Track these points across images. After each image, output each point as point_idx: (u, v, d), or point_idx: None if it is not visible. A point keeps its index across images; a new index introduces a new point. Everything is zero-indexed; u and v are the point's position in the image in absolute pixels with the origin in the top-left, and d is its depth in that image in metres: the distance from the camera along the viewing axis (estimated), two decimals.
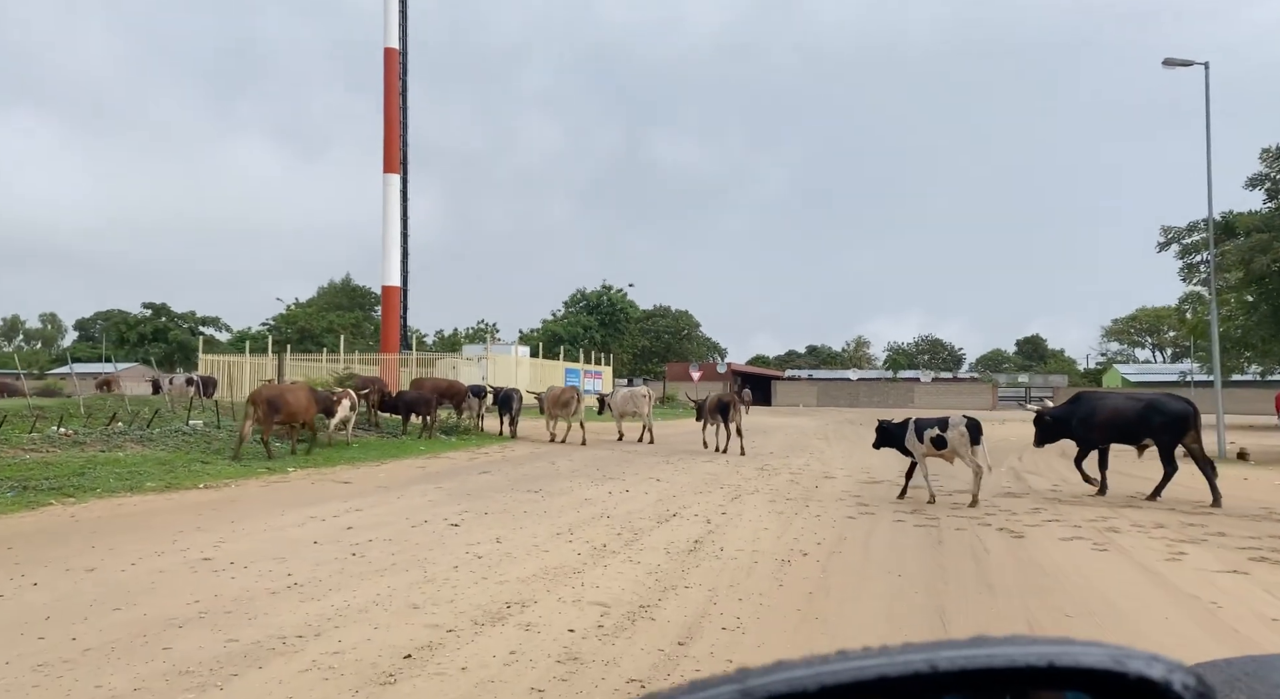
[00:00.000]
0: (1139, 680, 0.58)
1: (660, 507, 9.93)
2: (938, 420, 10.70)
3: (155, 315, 52.50)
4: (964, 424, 10.37)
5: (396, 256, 38.92)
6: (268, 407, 14.06)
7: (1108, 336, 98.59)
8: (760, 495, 11.37)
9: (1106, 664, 0.59)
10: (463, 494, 10.60)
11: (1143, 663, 0.59)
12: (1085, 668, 0.59)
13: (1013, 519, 9.69)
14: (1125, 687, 0.59)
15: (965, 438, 10.32)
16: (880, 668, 0.57)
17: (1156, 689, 0.58)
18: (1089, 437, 12.20)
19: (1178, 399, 11.72)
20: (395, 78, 38.94)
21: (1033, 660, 0.59)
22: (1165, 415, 11.39)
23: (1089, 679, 0.60)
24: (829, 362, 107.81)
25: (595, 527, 8.32)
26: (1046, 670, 0.59)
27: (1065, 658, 0.59)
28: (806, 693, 0.55)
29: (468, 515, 8.80)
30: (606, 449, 18.70)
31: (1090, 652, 0.60)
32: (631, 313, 61.39)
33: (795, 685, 0.55)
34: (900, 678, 0.57)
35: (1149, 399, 11.86)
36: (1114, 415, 11.75)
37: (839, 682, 0.56)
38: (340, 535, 7.47)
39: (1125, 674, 0.58)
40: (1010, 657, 0.59)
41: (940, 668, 0.58)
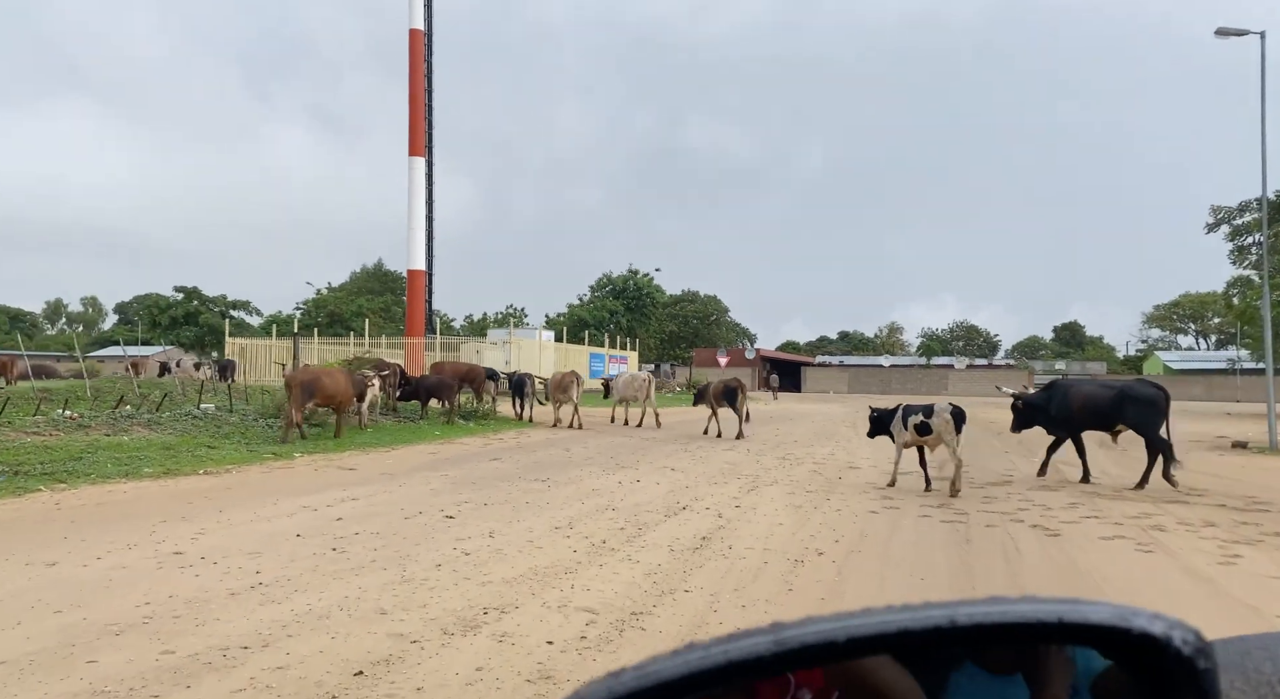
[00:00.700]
0: (1142, 636, 0.61)
1: (671, 498, 9.44)
2: (923, 407, 10.57)
3: (187, 299, 52.99)
4: (949, 412, 10.20)
5: (422, 240, 38.69)
6: (302, 389, 14.13)
7: (1149, 323, 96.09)
8: (779, 487, 10.82)
9: (1112, 620, 0.61)
10: (467, 483, 10.19)
11: (1145, 620, 0.61)
12: (1092, 624, 0.62)
13: (1048, 515, 9.06)
14: (1129, 641, 0.61)
15: (950, 426, 10.16)
16: (903, 622, 0.60)
17: (1158, 644, 0.60)
18: (1063, 424, 12.18)
19: (1150, 385, 11.86)
20: (420, 59, 38.57)
21: (1043, 616, 0.62)
22: (1138, 401, 11.45)
23: (1096, 634, 0.62)
24: (861, 347, 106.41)
25: (598, 520, 7.85)
26: (1057, 626, 0.62)
27: (1073, 614, 0.62)
28: (835, 643, 0.58)
29: (466, 506, 8.38)
30: (624, 436, 18.24)
31: (1097, 609, 0.62)
32: (658, 297, 60.75)
33: (825, 636, 0.58)
34: (922, 631, 0.60)
35: (1122, 386, 11.96)
36: (1087, 402, 11.76)
37: (865, 634, 0.59)
38: (327, 527, 7.08)
39: (1129, 630, 0.61)
40: (1022, 613, 0.62)
41: (959, 622, 0.60)
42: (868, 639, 0.59)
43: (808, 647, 0.57)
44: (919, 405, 10.79)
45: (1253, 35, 17.64)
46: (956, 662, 0.71)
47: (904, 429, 10.69)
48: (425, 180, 38.79)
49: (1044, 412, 12.37)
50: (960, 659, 0.71)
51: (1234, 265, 25.71)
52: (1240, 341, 54.32)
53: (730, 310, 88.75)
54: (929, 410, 10.46)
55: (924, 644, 0.61)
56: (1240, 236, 24.39)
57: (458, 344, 37.87)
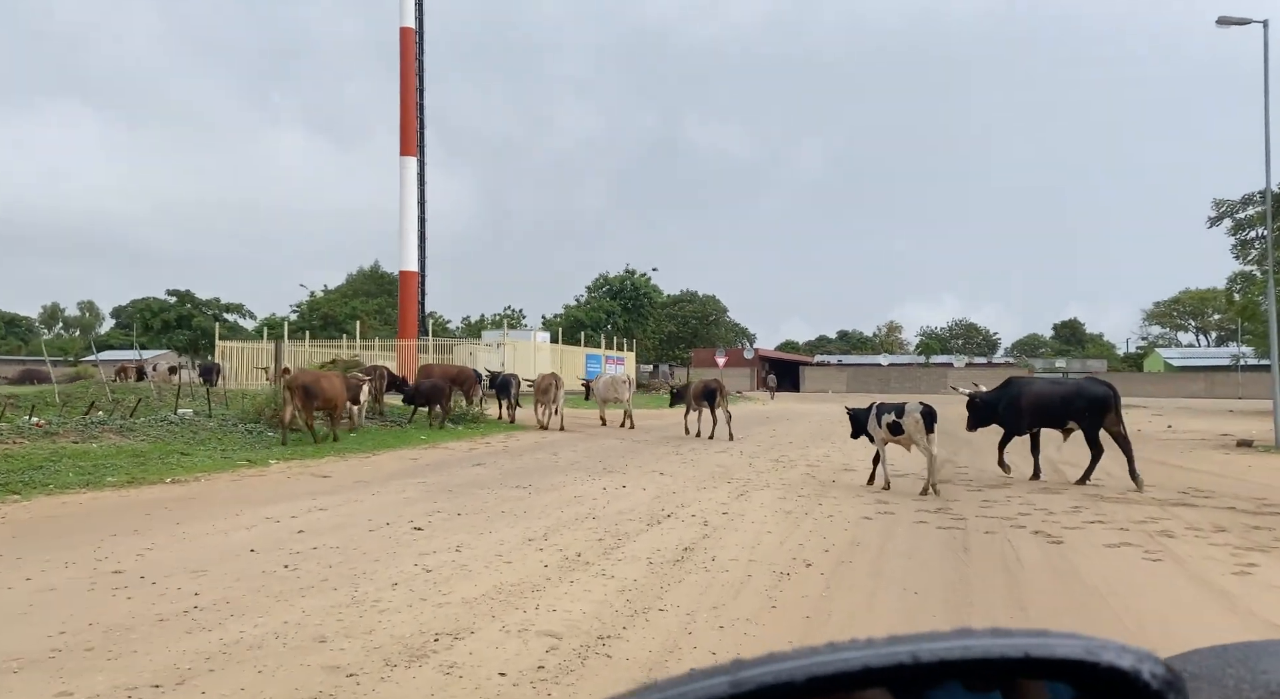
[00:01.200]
0: (1109, 670, 0.60)
1: (655, 505, 9.03)
2: (895, 406, 10.47)
3: (180, 302, 52.57)
4: (919, 411, 10.09)
5: (414, 241, 38.28)
6: (304, 393, 14.17)
7: (1149, 320, 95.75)
8: (770, 491, 10.41)
9: (1079, 655, 0.61)
10: (444, 490, 9.77)
11: (1114, 653, 0.61)
12: (1059, 659, 0.61)
13: (1050, 520, 8.65)
14: (1097, 676, 0.61)
15: (920, 425, 10.04)
16: (865, 659, 0.59)
17: (1126, 678, 0.60)
18: (1016, 421, 12.21)
19: (1100, 383, 11.98)
20: (412, 58, 38.16)
21: (1009, 652, 0.61)
22: (1087, 399, 11.54)
23: (1064, 669, 0.62)
24: (860, 346, 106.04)
25: (575, 530, 7.43)
26: (1023, 661, 0.61)
27: (1041, 649, 0.61)
28: (794, 684, 0.56)
29: (438, 517, 7.96)
30: (615, 439, 17.83)
31: (1065, 643, 0.62)
32: (655, 297, 60.29)
33: (782, 677, 0.57)
34: (884, 669, 0.59)
35: (1073, 384, 12.13)
36: (1039, 400, 11.85)
37: (825, 673, 0.58)
38: (285, 541, 6.66)
39: (1097, 664, 0.60)
40: (988, 648, 0.61)
41: (922, 659, 0.59)
42: (829, 678, 0.58)
43: (765, 688, 0.57)
44: (892, 404, 10.65)
45: (1255, 24, 17.24)
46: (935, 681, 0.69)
47: (879, 428, 10.53)
48: (417, 180, 38.38)
49: (998, 409, 12.40)
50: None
51: (1237, 260, 25.33)
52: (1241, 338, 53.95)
53: (729, 310, 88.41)
54: (900, 409, 10.31)
55: (887, 682, 0.60)
56: (1243, 230, 24.00)
57: (451, 346, 37.39)
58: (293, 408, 14.22)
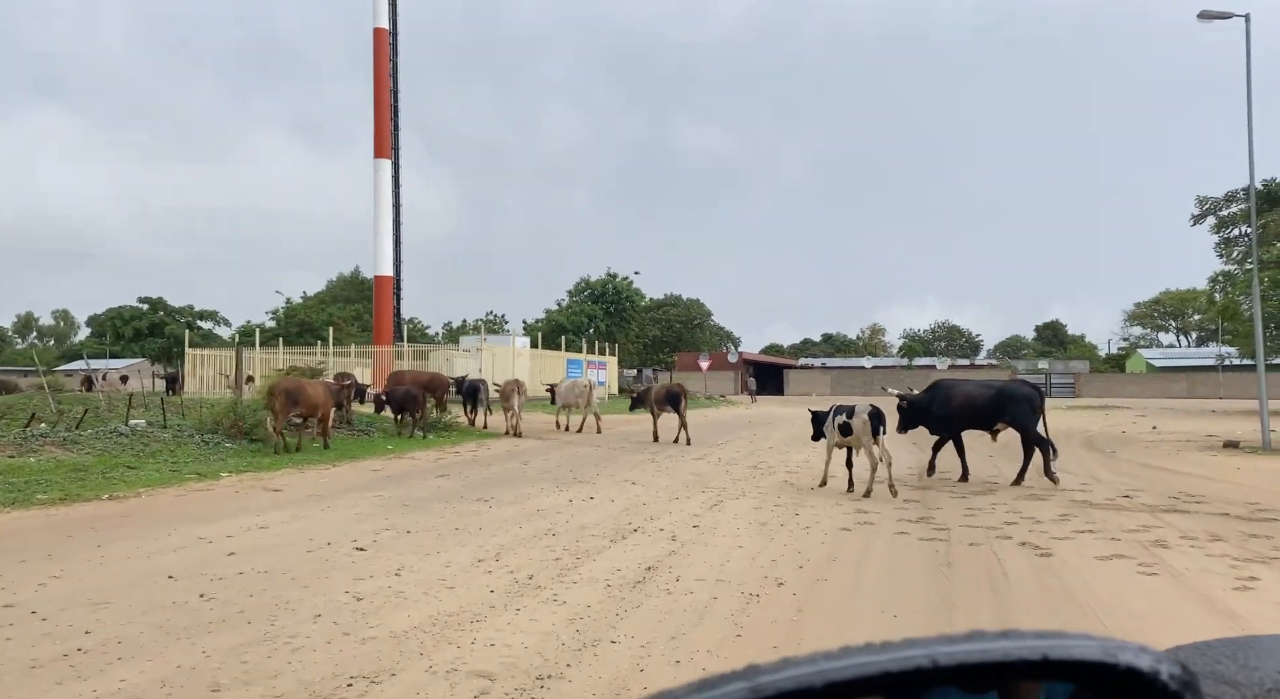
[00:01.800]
0: (1128, 671, 0.60)
1: (623, 519, 8.51)
2: (848, 408, 10.53)
3: (152, 310, 51.55)
4: (867, 413, 10.16)
5: (389, 245, 37.65)
6: (286, 398, 13.98)
7: (1130, 321, 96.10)
8: (746, 501, 9.93)
9: (1097, 656, 0.61)
10: (399, 505, 9.22)
11: (1131, 654, 0.61)
12: (1077, 660, 0.61)
13: (1037, 530, 8.21)
14: (1115, 677, 0.60)
15: (867, 427, 10.10)
16: (883, 664, 0.59)
17: (1144, 679, 0.60)
18: (945, 423, 12.29)
19: (1025, 384, 12.22)
20: (386, 59, 37.56)
21: (1027, 654, 0.61)
22: (1015, 400, 11.72)
23: (1081, 671, 0.62)
24: (843, 349, 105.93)
25: (531, 549, 6.90)
26: (1040, 663, 0.61)
27: (1058, 651, 0.61)
28: (813, 689, 0.56)
29: (385, 535, 7.41)
30: (591, 446, 17.30)
31: (1082, 644, 0.62)
32: (637, 301, 59.78)
33: (802, 683, 0.56)
34: (903, 673, 0.59)
35: (999, 386, 12.25)
36: (967, 402, 11.95)
37: (844, 678, 0.57)
38: (211, 565, 6.10)
39: (1115, 665, 0.60)
40: (1006, 651, 0.61)
41: (940, 663, 0.59)
42: (847, 683, 0.58)
43: (784, 694, 0.56)
44: (847, 406, 10.71)
45: (1237, 18, 16.98)
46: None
47: (834, 429, 10.57)
48: (392, 183, 37.73)
49: (927, 411, 12.45)
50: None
51: (1220, 258, 25.09)
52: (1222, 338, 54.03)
53: (714, 314, 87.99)
54: (851, 411, 10.37)
55: (905, 686, 0.60)
56: (1226, 228, 23.78)
57: (427, 352, 36.70)
58: (275, 414, 14.03)
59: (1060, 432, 24.03)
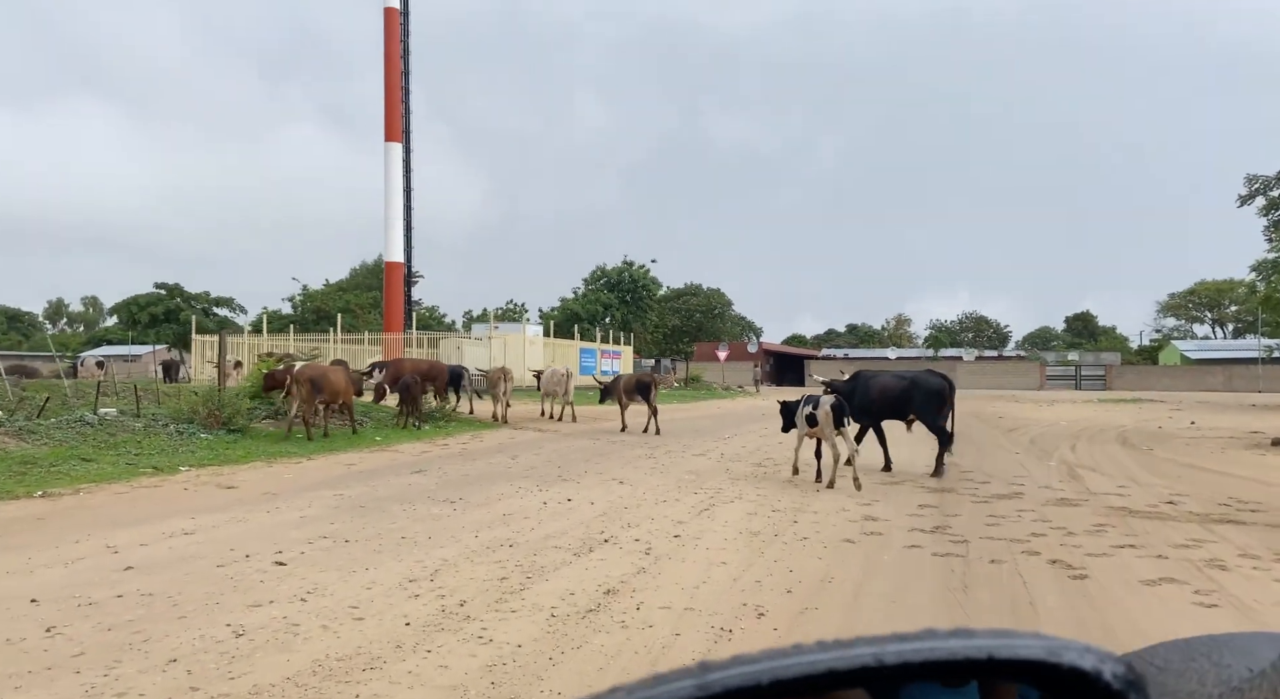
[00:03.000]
0: (1071, 670, 0.60)
1: (596, 526, 7.56)
2: (815, 399, 10.42)
3: (169, 296, 51.38)
4: (830, 404, 10.09)
5: (399, 230, 36.90)
6: (310, 387, 14.12)
7: (1163, 312, 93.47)
8: (740, 505, 8.94)
9: (1041, 655, 0.61)
10: (354, 507, 8.34)
11: (1076, 654, 0.61)
12: (1021, 659, 0.61)
13: (1069, 543, 7.16)
14: (1060, 676, 0.61)
15: (830, 418, 10.04)
16: (829, 662, 0.59)
17: (1088, 679, 0.60)
18: (865, 412, 12.24)
19: (936, 375, 12.18)
20: (396, 40, 36.72)
21: (972, 653, 0.61)
22: (924, 391, 11.76)
23: (1026, 670, 0.62)
24: (867, 340, 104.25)
25: (478, 565, 5.98)
26: (986, 662, 0.61)
27: (1004, 650, 0.61)
28: (760, 686, 0.57)
29: (318, 545, 6.52)
30: (590, 439, 16.37)
31: (1028, 644, 0.62)
32: (654, 290, 58.69)
33: (749, 680, 0.57)
34: (849, 671, 0.59)
35: (912, 377, 12.29)
36: (883, 392, 11.97)
37: (790, 675, 0.58)
38: (92, 585, 5.23)
39: (1059, 665, 0.61)
40: (952, 650, 0.61)
41: (886, 661, 0.59)
42: (793, 681, 0.58)
43: (731, 691, 0.57)
44: (815, 397, 10.57)
45: None
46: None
47: (802, 420, 10.48)
48: (403, 167, 36.97)
49: (850, 399, 12.09)
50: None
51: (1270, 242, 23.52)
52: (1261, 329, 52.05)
53: (734, 304, 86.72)
54: (817, 403, 10.26)
55: (851, 684, 0.61)
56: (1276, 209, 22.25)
57: (437, 340, 35.96)
58: (300, 402, 14.21)
59: (1092, 427, 22.79)
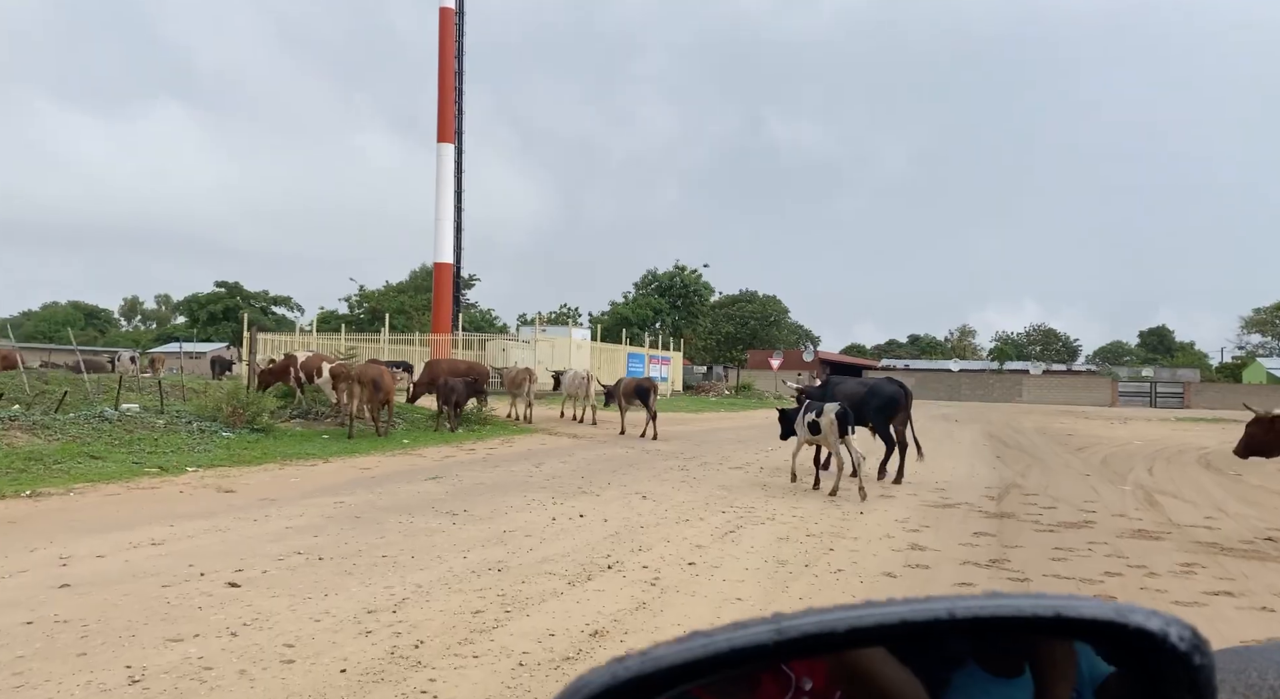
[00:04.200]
0: (1138, 632, 0.61)
1: (603, 548, 6.77)
2: (818, 407, 10.41)
3: (229, 294, 52.34)
4: (835, 412, 10.09)
5: (449, 232, 36.66)
6: (373, 387, 14.63)
7: (1248, 328, 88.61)
8: (771, 527, 8.06)
9: (1109, 616, 0.61)
10: (348, 517, 7.70)
11: (1143, 616, 0.61)
12: (1089, 618, 0.62)
13: (1151, 587, 6.13)
14: (1126, 637, 0.61)
15: (834, 427, 10.05)
16: (903, 613, 0.60)
17: (1154, 640, 0.60)
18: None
19: (892, 383, 12.46)
20: (451, 40, 36.58)
21: (1041, 611, 0.62)
22: (879, 398, 12.03)
23: (1092, 629, 0.63)
24: (929, 351, 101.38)
25: (454, 593, 5.24)
26: (1053, 620, 0.62)
27: (1071, 609, 0.62)
28: (835, 633, 0.58)
29: (287, 563, 5.86)
30: (624, 447, 15.58)
31: (1095, 605, 0.62)
32: (706, 295, 57.67)
33: (825, 626, 0.58)
34: (921, 622, 0.60)
35: (871, 384, 12.72)
36: (846, 398, 11.76)
37: (865, 625, 0.59)
38: (8, 607, 4.63)
39: (1125, 625, 0.61)
40: (1020, 607, 0.62)
41: (958, 615, 0.60)
42: (867, 630, 0.59)
43: (808, 636, 0.58)
44: (817, 404, 10.55)
45: None
46: (959, 661, 0.69)
47: (804, 427, 10.46)
48: (455, 168, 36.77)
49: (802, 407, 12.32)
50: (963, 659, 0.69)
51: None
52: None
53: (791, 311, 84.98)
54: (820, 410, 10.25)
55: (923, 635, 0.62)
56: None
57: (484, 342, 35.64)
58: (359, 400, 14.72)
59: (1170, 447, 21.14)
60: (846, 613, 0.59)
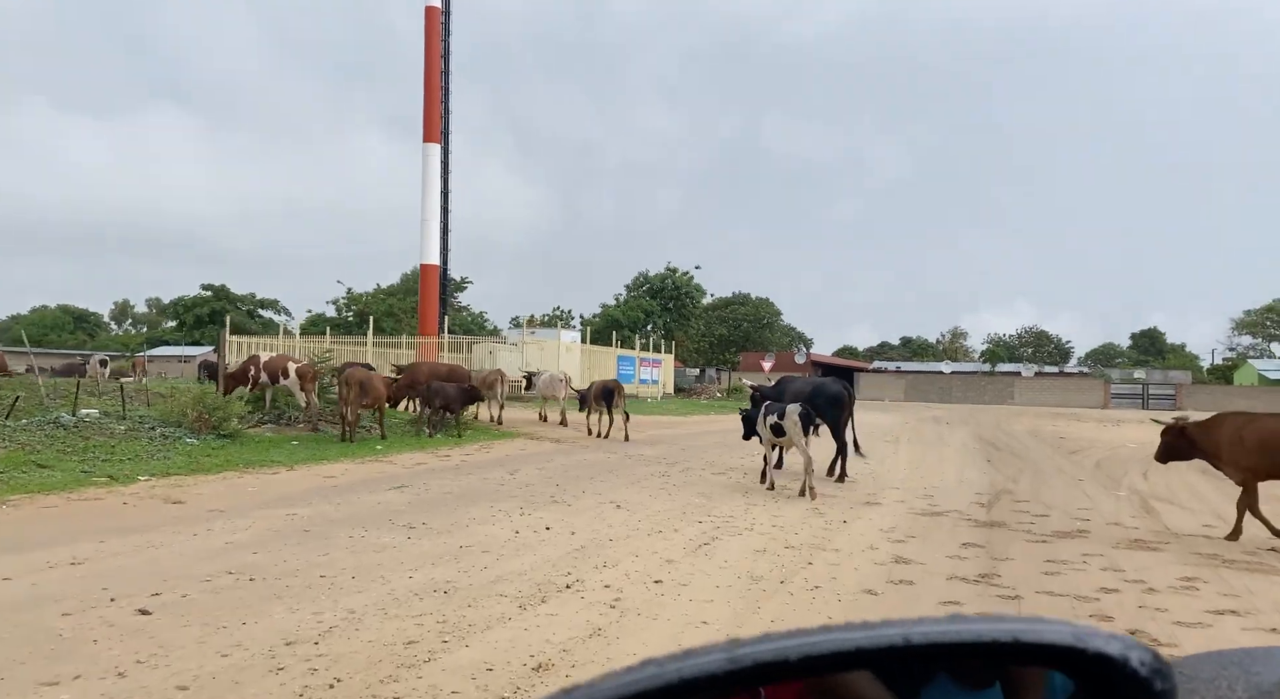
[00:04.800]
0: (1097, 656, 0.60)
1: (565, 564, 6.31)
2: (780, 408, 10.45)
3: (215, 297, 51.67)
4: (798, 413, 10.08)
5: (436, 233, 36.19)
6: (359, 389, 14.54)
7: (1238, 329, 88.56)
8: (748, 538, 7.61)
9: (1068, 641, 0.61)
10: (297, 531, 7.23)
11: (1102, 640, 0.61)
12: (1047, 644, 0.61)
13: (1151, 605, 5.70)
14: (1086, 662, 0.61)
15: (798, 427, 10.05)
16: (858, 640, 0.59)
17: (1114, 665, 0.60)
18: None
19: (836, 383, 12.79)
20: (437, 39, 36.12)
21: (999, 636, 0.61)
22: (824, 397, 12.19)
23: (1052, 655, 0.62)
24: (921, 353, 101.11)
25: (389, 620, 4.77)
26: (1012, 645, 0.61)
27: (1029, 634, 0.61)
28: (789, 662, 0.57)
29: (212, 586, 5.38)
30: (606, 453, 15.11)
31: (1055, 629, 0.62)
32: (698, 297, 57.23)
33: (779, 654, 0.57)
34: (876, 650, 0.59)
35: (816, 383, 13.01)
36: (795, 397, 12.02)
37: (819, 652, 0.58)
38: None
39: (1084, 650, 0.60)
40: (978, 632, 0.61)
41: (914, 641, 0.59)
42: (822, 657, 0.58)
43: (761, 665, 0.57)
44: (777, 405, 10.61)
45: None
46: (930, 677, 0.69)
47: (765, 428, 10.47)
48: (441, 168, 36.28)
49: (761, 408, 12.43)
50: (933, 674, 0.69)
51: None
52: None
53: (784, 314, 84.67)
54: (782, 411, 10.28)
55: (879, 662, 0.61)
56: None
57: (470, 344, 35.13)
58: (348, 404, 14.56)
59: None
60: (801, 640, 0.58)
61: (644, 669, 0.56)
